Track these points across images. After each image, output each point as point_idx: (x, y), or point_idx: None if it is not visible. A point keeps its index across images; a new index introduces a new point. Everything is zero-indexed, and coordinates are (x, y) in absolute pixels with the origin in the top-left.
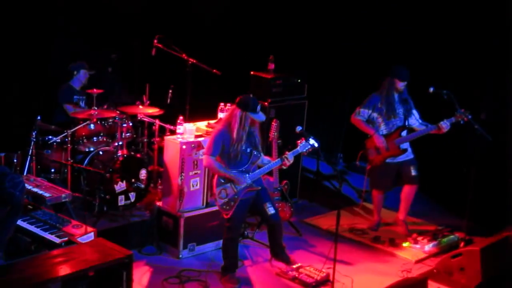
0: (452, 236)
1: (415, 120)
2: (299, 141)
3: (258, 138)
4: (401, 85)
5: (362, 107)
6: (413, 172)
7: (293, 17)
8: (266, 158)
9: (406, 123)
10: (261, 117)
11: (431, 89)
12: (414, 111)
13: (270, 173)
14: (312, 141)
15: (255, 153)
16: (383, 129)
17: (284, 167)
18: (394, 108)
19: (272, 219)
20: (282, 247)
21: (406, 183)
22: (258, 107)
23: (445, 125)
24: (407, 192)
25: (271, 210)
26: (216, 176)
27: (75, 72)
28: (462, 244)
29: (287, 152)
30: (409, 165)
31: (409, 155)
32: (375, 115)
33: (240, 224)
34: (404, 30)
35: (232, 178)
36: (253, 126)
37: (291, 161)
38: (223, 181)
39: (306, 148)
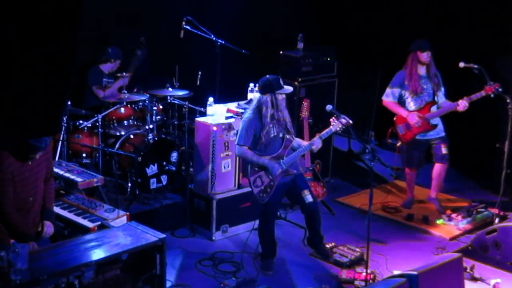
0: (486, 212)
1: (442, 96)
2: (331, 119)
3: (288, 120)
4: (424, 56)
5: (390, 87)
6: (444, 151)
7: None
8: (298, 140)
9: (436, 98)
10: (287, 89)
11: (462, 64)
12: (442, 88)
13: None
14: (344, 120)
15: (288, 137)
16: (412, 105)
17: (314, 151)
18: (420, 83)
19: (310, 207)
20: (320, 236)
21: (436, 161)
22: (281, 81)
23: (462, 103)
24: (438, 170)
25: (308, 198)
26: (249, 165)
27: (112, 60)
28: (496, 220)
29: (317, 134)
30: (440, 143)
31: (440, 133)
32: (403, 92)
33: (275, 208)
34: (433, 6)
35: (265, 166)
36: (280, 106)
37: (320, 145)
38: (256, 169)
39: (339, 127)
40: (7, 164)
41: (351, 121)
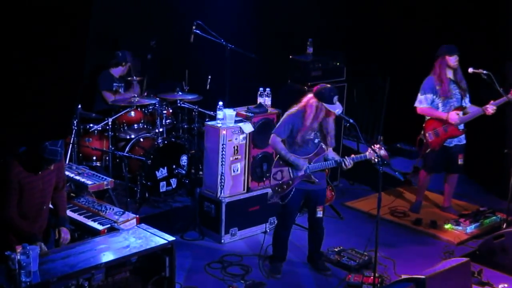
0: (494, 217)
1: (468, 101)
2: (369, 148)
3: (331, 130)
4: (452, 60)
5: (423, 94)
6: (460, 161)
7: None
8: (332, 154)
9: (463, 103)
10: (336, 108)
11: (471, 70)
12: (467, 93)
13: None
14: (383, 152)
15: (323, 146)
16: (441, 110)
17: (343, 169)
18: (450, 88)
19: (317, 222)
20: (320, 253)
21: (453, 172)
22: (335, 98)
23: (490, 107)
24: (452, 179)
25: (319, 214)
26: (277, 157)
27: (123, 63)
28: (504, 225)
29: (352, 155)
30: (458, 153)
31: (462, 140)
32: (434, 97)
33: (294, 213)
34: (443, 12)
35: (291, 163)
36: (328, 117)
37: (350, 166)
38: (281, 162)
39: (374, 157)
40: (15, 173)
41: (387, 154)
